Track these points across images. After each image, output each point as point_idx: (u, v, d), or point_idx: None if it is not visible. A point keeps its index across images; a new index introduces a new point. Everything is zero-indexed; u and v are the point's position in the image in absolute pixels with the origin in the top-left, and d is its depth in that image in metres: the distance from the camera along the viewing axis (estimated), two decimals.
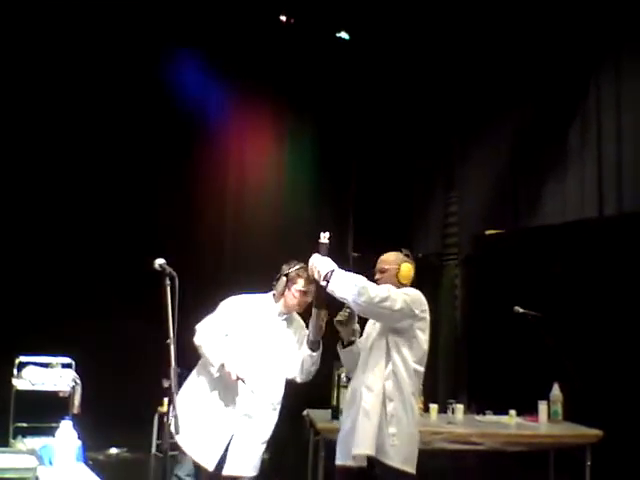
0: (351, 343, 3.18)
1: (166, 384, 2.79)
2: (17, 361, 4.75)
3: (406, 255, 3.21)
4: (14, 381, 4.66)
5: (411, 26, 6.30)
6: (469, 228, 6.46)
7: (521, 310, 4.31)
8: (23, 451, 3.04)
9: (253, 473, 3.28)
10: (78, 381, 4.70)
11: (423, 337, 3.07)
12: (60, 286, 5.54)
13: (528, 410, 4.30)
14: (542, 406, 4.23)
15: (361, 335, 3.21)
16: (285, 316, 3.37)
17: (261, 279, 3.53)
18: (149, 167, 5.96)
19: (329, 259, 2.96)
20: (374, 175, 6.84)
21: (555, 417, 4.23)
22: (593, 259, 5.05)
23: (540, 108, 5.94)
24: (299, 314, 3.41)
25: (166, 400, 3.25)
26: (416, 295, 3.07)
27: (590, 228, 5.26)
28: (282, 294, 3.33)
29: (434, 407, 4.20)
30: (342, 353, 3.22)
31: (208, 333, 3.22)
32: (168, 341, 2.73)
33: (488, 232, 6.02)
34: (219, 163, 6.38)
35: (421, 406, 4.22)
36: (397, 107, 6.83)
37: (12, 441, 4.50)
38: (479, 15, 6.04)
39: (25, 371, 4.72)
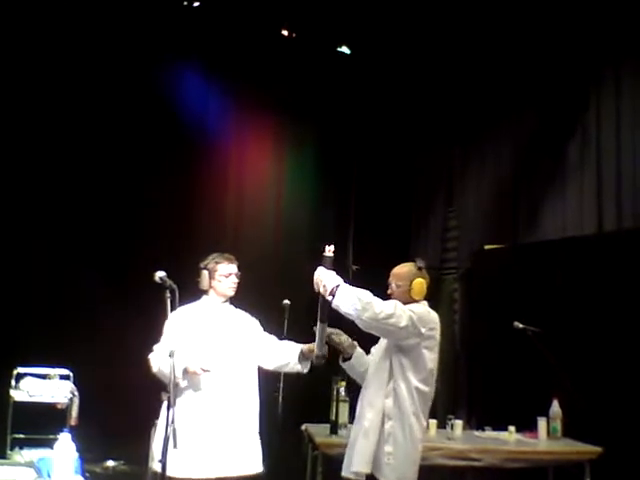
0: (349, 357, 3.20)
1: (165, 397, 2.79)
2: (15, 372, 4.73)
3: (419, 268, 3.18)
4: (12, 392, 4.64)
5: (411, 41, 6.34)
6: (468, 242, 6.46)
7: (521, 325, 4.31)
8: (21, 463, 3.02)
9: (258, 469, 3.27)
10: (76, 393, 4.68)
11: (430, 356, 3.06)
12: (58, 297, 5.53)
13: (527, 426, 4.29)
14: (541, 422, 4.22)
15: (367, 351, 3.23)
16: (224, 303, 3.39)
17: (260, 291, 3.55)
18: (149, 179, 5.97)
19: (334, 273, 2.93)
20: (374, 188, 6.85)
21: (554, 433, 4.22)
22: (593, 275, 5.05)
23: (540, 123, 5.96)
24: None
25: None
26: (424, 313, 3.07)
27: (589, 244, 5.26)
28: (210, 285, 3.36)
29: (433, 423, 4.18)
30: (344, 366, 3.25)
31: (160, 355, 3.19)
32: (169, 354, 2.74)
33: (487, 247, 6.02)
34: (219, 174, 6.39)
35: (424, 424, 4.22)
36: (397, 120, 6.86)
37: (10, 453, 4.47)
38: (479, 29, 6.07)
39: (23, 382, 4.70)
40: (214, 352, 3.26)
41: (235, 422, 3.22)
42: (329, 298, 2.88)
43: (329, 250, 2.97)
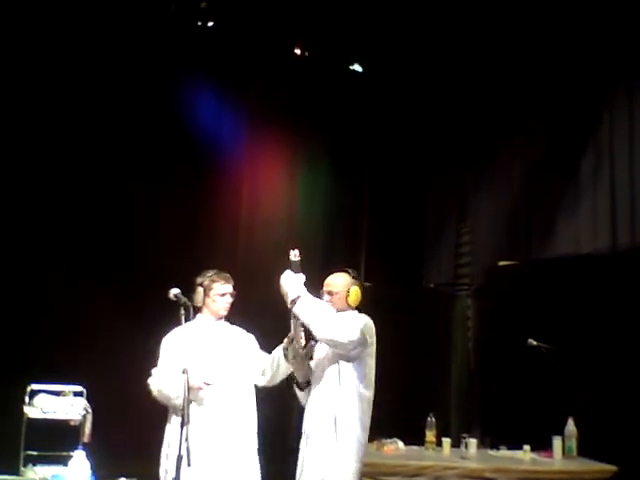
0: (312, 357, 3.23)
1: (179, 414, 2.80)
2: (29, 389, 4.74)
3: (354, 277, 3.25)
4: (26, 409, 4.65)
5: (423, 59, 6.38)
6: (481, 259, 6.44)
7: (535, 343, 4.28)
8: None
9: None
10: (89, 410, 4.68)
11: (371, 362, 3.14)
12: (72, 314, 5.55)
13: (542, 445, 4.25)
14: (556, 441, 4.19)
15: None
16: (219, 321, 3.43)
17: (272, 306, 3.57)
18: (163, 195, 5.98)
19: (301, 277, 3.07)
20: (387, 205, 6.85)
21: (570, 453, 4.19)
22: (607, 291, 5.02)
23: (552, 139, 5.96)
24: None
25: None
26: (369, 322, 3.15)
27: (603, 260, 5.23)
28: (203, 303, 3.39)
29: (447, 441, 4.17)
30: (292, 363, 3.24)
31: (160, 377, 3.24)
32: (183, 371, 2.74)
33: (501, 263, 6.00)
34: (232, 191, 6.41)
35: (434, 440, 4.19)
36: (410, 138, 6.88)
37: (23, 469, 4.47)
38: (491, 47, 6.10)
39: (37, 399, 4.70)
40: (210, 370, 3.27)
41: (233, 439, 3.23)
42: (289, 305, 3.04)
43: (294, 255, 3.10)
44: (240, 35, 6.01)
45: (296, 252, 3.11)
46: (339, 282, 3.22)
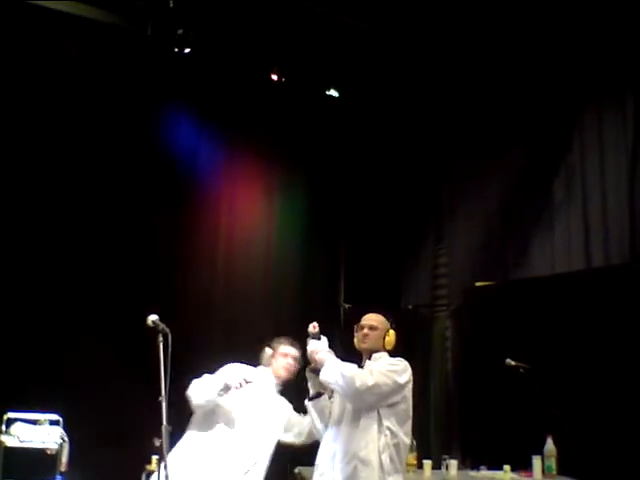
0: (320, 394, 3.26)
1: (157, 443, 2.77)
2: (5, 417, 4.68)
3: (391, 323, 3.34)
4: (2, 437, 4.59)
5: (399, 82, 6.49)
6: (459, 280, 6.50)
7: (513, 363, 4.31)
8: None
9: None
10: (66, 438, 4.63)
11: (410, 403, 3.14)
12: (48, 342, 5.47)
13: (522, 464, 4.27)
14: (536, 461, 4.20)
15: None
16: (279, 387, 3.59)
17: (251, 332, 3.61)
18: (138, 224, 5.93)
19: (324, 342, 3.22)
20: (364, 226, 6.91)
21: (549, 472, 4.20)
22: (582, 311, 5.09)
23: (526, 162, 6.07)
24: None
25: (155, 458, 3.23)
26: (403, 366, 3.16)
27: (578, 280, 5.31)
28: (269, 363, 3.57)
29: (427, 463, 4.16)
30: (311, 406, 3.28)
31: (202, 379, 3.33)
32: (160, 399, 2.72)
33: (478, 284, 6.06)
34: (210, 219, 6.39)
35: (414, 462, 4.19)
36: (386, 161, 6.96)
37: None
38: (465, 70, 6.23)
39: (13, 427, 4.65)
40: (251, 426, 3.38)
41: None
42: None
43: (313, 327, 3.25)
44: (217, 61, 6.07)
45: (315, 324, 3.26)
46: (382, 321, 3.29)
